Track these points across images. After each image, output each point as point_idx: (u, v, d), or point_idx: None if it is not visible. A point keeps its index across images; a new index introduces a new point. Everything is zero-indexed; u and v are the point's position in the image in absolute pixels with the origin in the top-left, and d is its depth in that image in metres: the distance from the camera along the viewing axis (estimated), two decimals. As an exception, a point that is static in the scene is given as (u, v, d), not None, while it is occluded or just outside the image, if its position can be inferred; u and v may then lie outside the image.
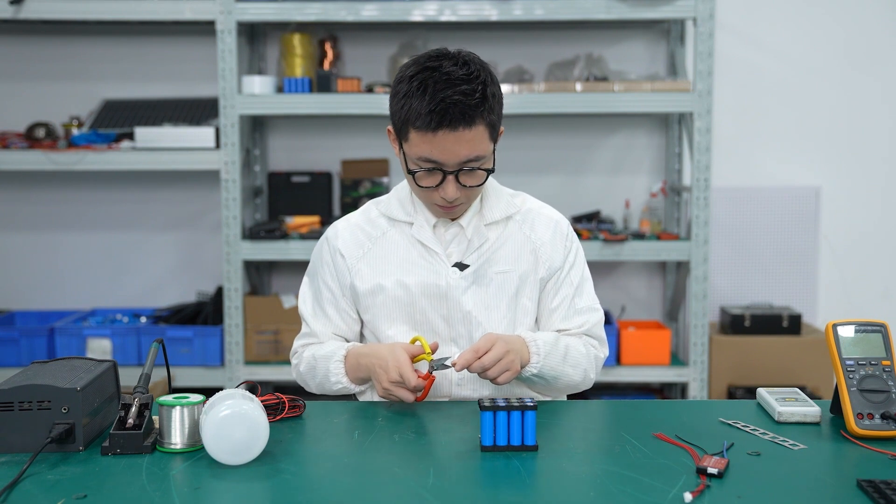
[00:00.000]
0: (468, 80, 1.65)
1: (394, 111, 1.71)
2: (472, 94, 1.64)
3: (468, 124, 1.65)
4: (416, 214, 1.82)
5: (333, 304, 1.87)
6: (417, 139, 1.67)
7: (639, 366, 3.77)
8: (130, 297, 4.22)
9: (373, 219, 1.87)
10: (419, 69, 1.67)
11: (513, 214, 1.86)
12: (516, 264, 1.82)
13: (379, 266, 1.82)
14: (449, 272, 1.80)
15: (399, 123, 1.70)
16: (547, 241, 1.85)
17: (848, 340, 1.58)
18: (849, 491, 1.28)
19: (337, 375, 1.79)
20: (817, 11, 4.07)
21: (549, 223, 1.87)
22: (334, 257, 1.86)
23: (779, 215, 4.12)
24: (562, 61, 3.93)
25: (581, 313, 1.86)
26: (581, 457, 1.43)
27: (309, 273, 1.93)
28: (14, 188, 4.18)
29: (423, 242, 1.81)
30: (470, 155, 1.68)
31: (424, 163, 1.69)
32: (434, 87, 1.63)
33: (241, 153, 3.67)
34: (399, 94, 1.69)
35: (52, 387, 1.44)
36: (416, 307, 1.80)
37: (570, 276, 1.86)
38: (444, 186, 1.70)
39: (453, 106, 1.63)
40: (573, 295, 1.86)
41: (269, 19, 3.65)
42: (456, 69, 1.65)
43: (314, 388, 1.87)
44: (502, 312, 1.81)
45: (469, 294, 1.80)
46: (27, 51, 4.13)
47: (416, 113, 1.64)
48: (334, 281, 1.87)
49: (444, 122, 1.63)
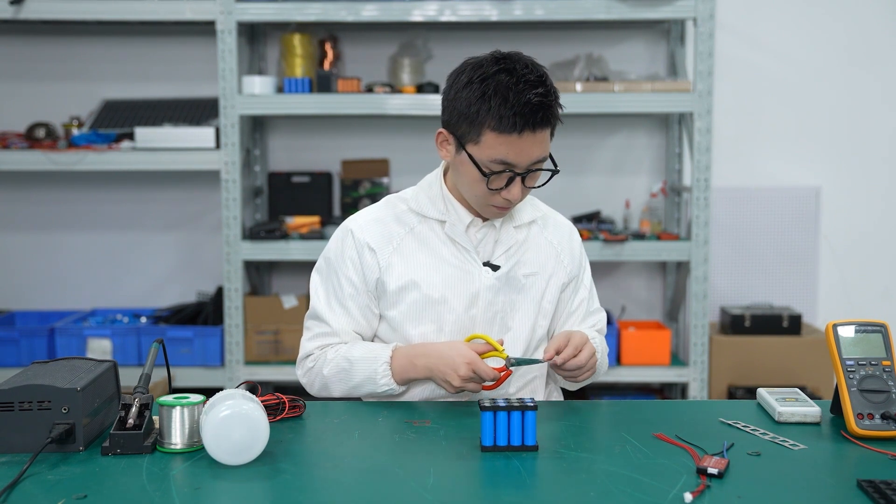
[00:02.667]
0: (542, 83, 1.67)
1: (462, 113, 1.69)
2: (548, 94, 1.67)
3: (545, 125, 1.68)
4: (449, 213, 1.81)
5: (355, 300, 1.82)
6: (495, 141, 1.67)
7: (639, 366, 3.76)
8: (130, 297, 4.22)
9: (399, 214, 1.84)
10: (492, 71, 1.67)
11: (536, 218, 1.89)
12: (542, 268, 1.86)
13: (411, 262, 1.80)
14: (482, 272, 1.80)
15: (468, 126, 1.69)
16: (566, 246, 1.90)
17: (848, 340, 1.58)
18: (849, 491, 1.28)
19: (385, 377, 1.75)
20: (817, 11, 4.06)
21: (565, 228, 1.93)
22: (361, 252, 1.81)
23: (779, 215, 4.12)
24: (562, 61, 3.93)
25: (594, 314, 1.95)
26: (581, 457, 1.43)
27: (322, 269, 1.87)
28: (14, 188, 4.18)
29: (457, 241, 1.81)
30: (541, 155, 1.71)
31: (497, 165, 1.69)
32: (515, 90, 1.64)
33: (241, 153, 3.67)
34: (472, 98, 1.67)
35: (52, 387, 1.44)
36: (448, 306, 1.79)
37: (584, 281, 1.94)
38: (511, 188, 1.71)
39: (537, 107, 1.65)
40: (588, 297, 1.94)
41: (270, 19, 3.65)
42: (528, 72, 1.67)
43: (342, 392, 1.81)
44: (527, 314, 1.83)
45: (501, 295, 1.81)
46: (27, 51, 4.13)
47: (497, 115, 1.65)
48: (359, 276, 1.81)
49: (529, 124, 1.65)
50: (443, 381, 1.71)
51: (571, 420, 1.65)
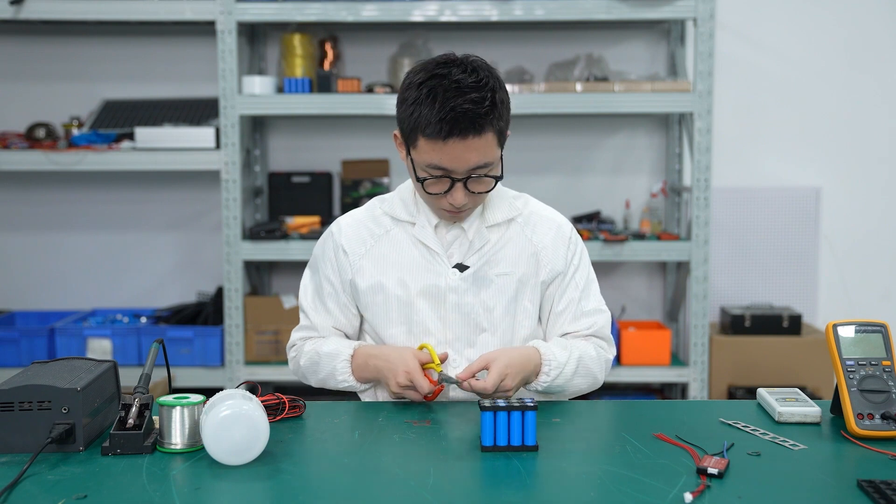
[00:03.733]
0: (478, 88, 1.64)
1: (402, 118, 1.71)
2: (481, 101, 1.64)
3: (478, 132, 1.65)
4: (419, 215, 1.82)
5: (334, 299, 1.87)
6: (426, 147, 1.67)
7: (639, 366, 3.76)
8: (130, 298, 4.22)
9: (377, 217, 1.87)
10: (428, 76, 1.66)
11: (515, 217, 1.86)
12: (516, 267, 1.82)
13: (380, 264, 1.83)
14: (449, 273, 1.80)
15: (407, 130, 1.70)
16: (549, 244, 1.85)
17: (848, 341, 1.58)
18: (849, 491, 1.28)
19: (343, 374, 1.80)
20: (818, 11, 4.06)
21: (552, 226, 1.87)
22: (337, 253, 1.86)
23: (779, 215, 4.12)
24: (562, 61, 3.93)
25: (588, 315, 1.86)
26: (581, 457, 1.43)
27: (311, 266, 1.93)
28: (14, 188, 4.18)
29: (425, 243, 1.81)
30: (479, 162, 1.68)
31: (433, 170, 1.69)
32: (444, 95, 1.63)
33: (241, 153, 3.67)
34: (408, 101, 1.68)
35: (52, 387, 1.44)
36: (415, 307, 1.80)
37: (574, 279, 1.86)
38: (452, 193, 1.70)
39: (463, 115, 1.62)
40: (579, 298, 1.86)
41: (270, 19, 3.65)
42: (465, 76, 1.65)
43: (315, 382, 1.88)
44: (501, 314, 1.81)
45: (468, 295, 1.80)
46: (27, 51, 4.13)
47: (426, 121, 1.64)
48: (336, 276, 1.86)
49: (455, 131, 1.63)
50: (386, 384, 1.75)
51: (571, 420, 1.65)
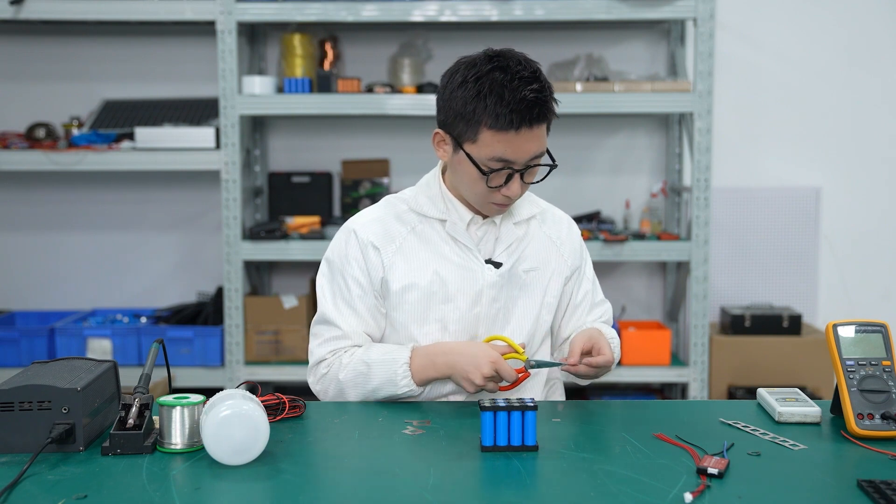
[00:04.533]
0: (536, 78, 1.68)
1: (457, 113, 1.69)
2: (542, 90, 1.67)
3: (541, 121, 1.69)
4: (450, 212, 1.81)
5: (363, 301, 1.80)
6: (493, 139, 1.67)
7: (639, 366, 3.76)
8: (131, 298, 4.22)
9: (400, 214, 1.84)
10: (486, 69, 1.67)
11: (536, 214, 1.89)
12: (544, 262, 1.86)
13: (413, 262, 1.80)
14: (485, 270, 1.80)
15: (464, 125, 1.69)
16: (565, 239, 1.91)
17: (848, 341, 1.58)
18: (849, 491, 1.28)
19: (405, 379, 1.72)
20: (818, 11, 4.06)
21: (563, 222, 1.94)
22: (365, 252, 1.80)
23: (779, 215, 4.12)
24: (562, 61, 3.93)
25: (599, 305, 1.96)
26: (581, 457, 1.43)
27: (326, 273, 1.85)
28: (14, 188, 4.18)
29: (459, 239, 1.81)
30: (538, 151, 1.71)
31: (496, 162, 1.69)
32: (510, 87, 1.65)
33: (241, 153, 3.67)
34: (467, 97, 1.67)
35: (52, 387, 1.44)
36: (452, 304, 1.79)
37: (586, 272, 1.95)
38: (510, 185, 1.71)
39: (533, 104, 1.65)
40: (592, 289, 1.95)
41: (270, 19, 3.65)
42: (522, 68, 1.67)
43: (358, 396, 1.77)
44: (528, 309, 1.84)
45: (503, 292, 1.81)
46: (27, 51, 4.13)
47: (494, 113, 1.65)
48: (364, 275, 1.80)
49: (525, 121, 1.65)
50: (464, 378, 1.68)
51: (571, 420, 1.65)
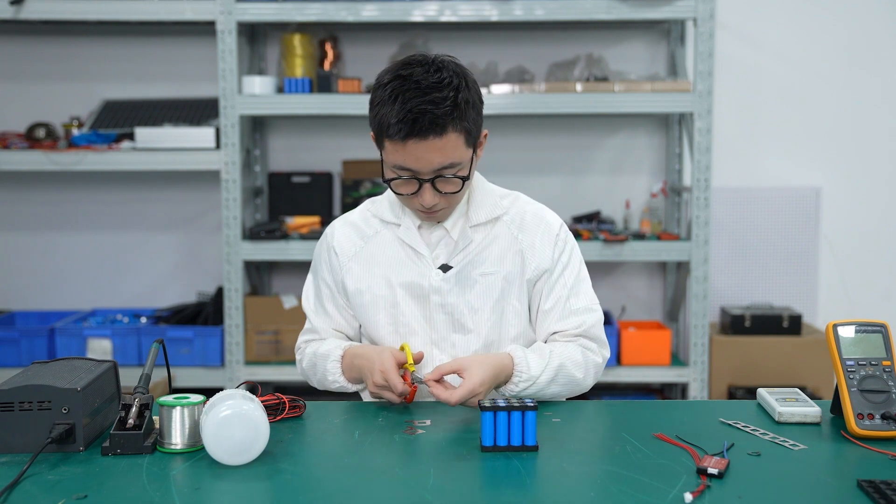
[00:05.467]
0: (439, 88, 1.63)
1: (370, 119, 1.71)
2: (441, 102, 1.62)
3: (438, 133, 1.63)
4: (403, 216, 1.83)
5: (332, 301, 1.90)
6: (391, 148, 1.67)
7: (639, 366, 3.76)
8: (131, 298, 4.22)
9: (367, 219, 1.89)
10: (392, 76, 1.66)
11: (500, 216, 1.83)
12: (501, 265, 1.81)
13: (367, 266, 1.84)
14: (432, 273, 1.80)
15: (375, 131, 1.71)
16: (535, 242, 1.82)
17: (848, 341, 1.57)
18: (849, 491, 1.28)
19: (334, 374, 1.81)
20: (818, 11, 4.06)
21: (539, 224, 1.84)
22: (329, 255, 1.89)
23: (779, 215, 4.12)
24: (562, 61, 3.93)
25: (577, 314, 1.81)
26: (581, 457, 1.43)
27: (311, 269, 1.96)
28: (14, 188, 4.18)
29: (409, 244, 1.81)
30: (444, 162, 1.66)
31: (400, 170, 1.69)
32: (404, 96, 1.62)
33: (241, 153, 3.67)
34: (374, 102, 1.69)
35: (52, 387, 1.44)
36: (399, 308, 1.81)
37: (563, 277, 1.82)
38: (420, 194, 1.70)
39: (422, 115, 1.61)
40: (567, 296, 1.81)
41: (270, 19, 3.65)
42: (427, 76, 1.64)
43: (315, 383, 1.90)
44: (486, 314, 1.80)
45: (452, 296, 1.80)
46: (27, 51, 4.13)
47: (387, 122, 1.64)
48: (330, 278, 1.89)
49: (413, 132, 1.62)
50: (366, 383, 1.75)
51: (571, 420, 1.65)
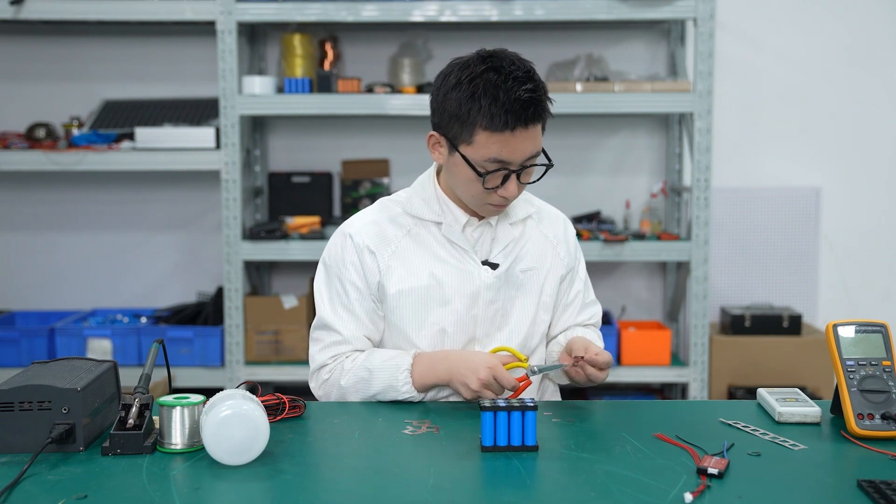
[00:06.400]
0: (531, 78, 1.67)
1: (451, 115, 1.69)
2: (536, 90, 1.67)
3: (536, 121, 1.68)
4: (445, 214, 1.81)
5: (361, 305, 1.80)
6: (488, 140, 1.67)
7: (639, 366, 3.76)
8: (131, 298, 4.22)
9: (394, 217, 1.84)
10: (480, 70, 1.67)
11: (531, 213, 1.89)
12: (540, 262, 1.86)
13: (409, 265, 1.80)
14: (481, 271, 1.80)
15: (459, 127, 1.69)
16: (561, 238, 1.91)
17: (848, 341, 1.58)
18: (849, 491, 1.28)
19: (406, 385, 1.72)
20: (818, 11, 4.06)
21: (558, 221, 1.94)
22: (361, 255, 1.80)
23: (779, 215, 4.12)
24: (562, 61, 3.93)
25: (590, 306, 1.96)
26: (581, 457, 1.43)
27: (323, 277, 1.85)
28: (14, 188, 4.18)
29: (455, 241, 1.81)
30: (534, 151, 1.71)
31: (491, 163, 1.69)
32: (505, 87, 1.64)
33: (241, 153, 3.67)
34: (462, 99, 1.67)
35: (52, 387, 1.44)
36: (450, 307, 1.79)
37: (579, 271, 1.94)
38: (507, 185, 1.71)
39: (527, 104, 1.65)
40: (584, 289, 1.94)
41: (270, 19, 3.65)
42: (515, 68, 1.67)
43: (360, 398, 1.77)
44: (526, 309, 1.84)
45: (501, 293, 1.81)
46: (27, 51, 4.13)
47: (489, 114, 1.64)
48: (361, 279, 1.80)
49: (521, 121, 1.65)
50: (461, 384, 1.68)
51: (571, 420, 1.65)
